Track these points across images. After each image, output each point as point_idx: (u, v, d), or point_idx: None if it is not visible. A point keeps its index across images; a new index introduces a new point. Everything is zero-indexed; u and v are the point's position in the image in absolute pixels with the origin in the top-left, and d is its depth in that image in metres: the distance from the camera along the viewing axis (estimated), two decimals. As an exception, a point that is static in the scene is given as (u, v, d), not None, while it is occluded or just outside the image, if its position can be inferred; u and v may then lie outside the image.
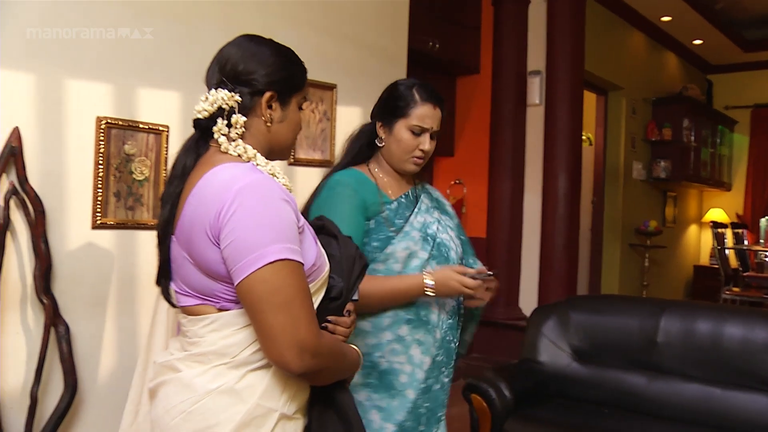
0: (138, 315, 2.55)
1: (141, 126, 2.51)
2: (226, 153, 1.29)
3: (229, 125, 1.30)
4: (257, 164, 1.30)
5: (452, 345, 1.92)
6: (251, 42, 1.36)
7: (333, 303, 1.38)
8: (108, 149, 2.42)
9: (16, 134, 2.17)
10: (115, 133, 2.44)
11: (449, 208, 2.07)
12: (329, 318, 1.38)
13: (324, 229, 1.46)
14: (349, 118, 3.31)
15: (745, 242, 7.77)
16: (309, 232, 1.33)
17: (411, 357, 1.83)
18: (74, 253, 2.36)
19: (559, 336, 3.32)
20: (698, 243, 9.13)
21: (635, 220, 7.17)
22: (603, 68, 6.22)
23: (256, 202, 1.19)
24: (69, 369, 2.29)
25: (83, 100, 2.36)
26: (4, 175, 2.16)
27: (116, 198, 2.46)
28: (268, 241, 1.17)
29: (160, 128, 2.56)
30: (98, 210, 2.40)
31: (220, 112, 1.30)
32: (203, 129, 1.32)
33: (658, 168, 7.46)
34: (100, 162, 2.40)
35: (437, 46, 4.81)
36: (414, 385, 1.82)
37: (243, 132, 1.31)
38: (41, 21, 2.25)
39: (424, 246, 1.86)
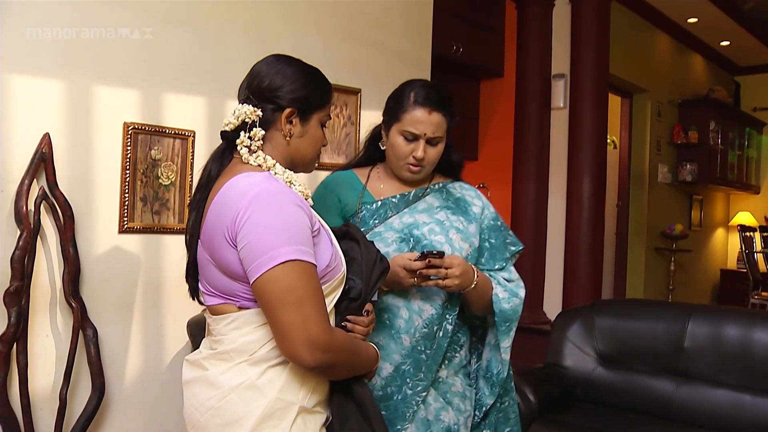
0: (164, 318, 2.57)
1: (167, 131, 2.54)
2: (247, 163, 1.39)
3: (250, 138, 1.39)
4: (275, 173, 1.39)
5: (423, 356, 1.74)
6: (279, 61, 1.46)
7: (352, 303, 1.46)
8: (135, 154, 2.45)
9: (46, 140, 2.21)
10: (142, 139, 2.48)
11: (475, 209, 1.93)
12: (348, 317, 1.46)
13: (348, 234, 1.54)
14: (374, 123, 3.29)
15: (774, 246, 7.65)
16: (325, 236, 1.42)
17: None
18: (102, 257, 2.39)
19: (584, 340, 3.29)
20: (725, 247, 8.99)
21: (661, 223, 7.08)
22: (628, 71, 6.15)
23: (269, 207, 1.28)
24: (97, 371, 2.32)
25: (111, 106, 2.40)
26: (35, 181, 2.20)
27: (143, 202, 2.49)
28: (280, 243, 1.25)
29: (186, 133, 2.59)
30: (125, 214, 2.43)
31: (243, 125, 1.40)
32: (229, 140, 1.43)
33: (684, 171, 7.37)
34: (127, 167, 2.43)
35: (461, 49, 4.80)
36: None
37: (263, 144, 1.41)
38: (68, 23, 2.28)
39: (401, 247, 1.76)
